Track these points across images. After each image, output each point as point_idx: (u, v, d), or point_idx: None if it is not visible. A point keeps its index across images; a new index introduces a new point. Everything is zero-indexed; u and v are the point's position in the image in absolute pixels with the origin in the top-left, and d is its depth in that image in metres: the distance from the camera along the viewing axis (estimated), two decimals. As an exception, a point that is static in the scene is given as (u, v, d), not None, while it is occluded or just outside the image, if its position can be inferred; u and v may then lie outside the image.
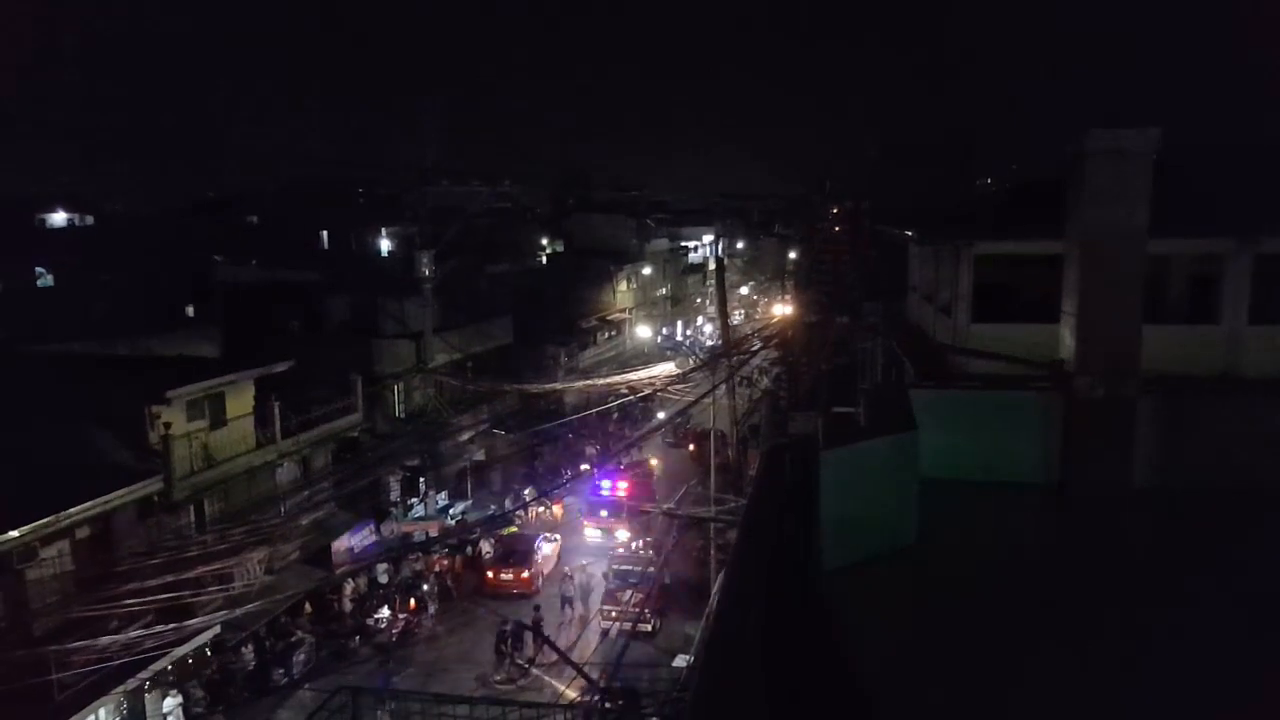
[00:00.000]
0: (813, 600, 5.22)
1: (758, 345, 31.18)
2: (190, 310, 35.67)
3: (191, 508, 22.91)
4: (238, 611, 21.29)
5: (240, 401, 24.93)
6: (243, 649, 23.17)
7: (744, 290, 78.53)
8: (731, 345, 30.59)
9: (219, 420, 24.13)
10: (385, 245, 56.38)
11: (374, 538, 29.09)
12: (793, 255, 61.77)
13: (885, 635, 5.90)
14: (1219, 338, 13.44)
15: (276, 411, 25.59)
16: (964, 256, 15.17)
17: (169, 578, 19.72)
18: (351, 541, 27.95)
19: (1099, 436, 8.16)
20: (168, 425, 21.95)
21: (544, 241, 67.28)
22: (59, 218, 51.78)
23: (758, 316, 68.06)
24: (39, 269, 41.88)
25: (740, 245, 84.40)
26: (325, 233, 53.43)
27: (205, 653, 21.85)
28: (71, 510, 18.87)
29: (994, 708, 5.36)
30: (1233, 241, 13.32)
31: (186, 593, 20.31)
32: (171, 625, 19.11)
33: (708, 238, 77.21)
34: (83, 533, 19.84)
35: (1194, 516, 8.03)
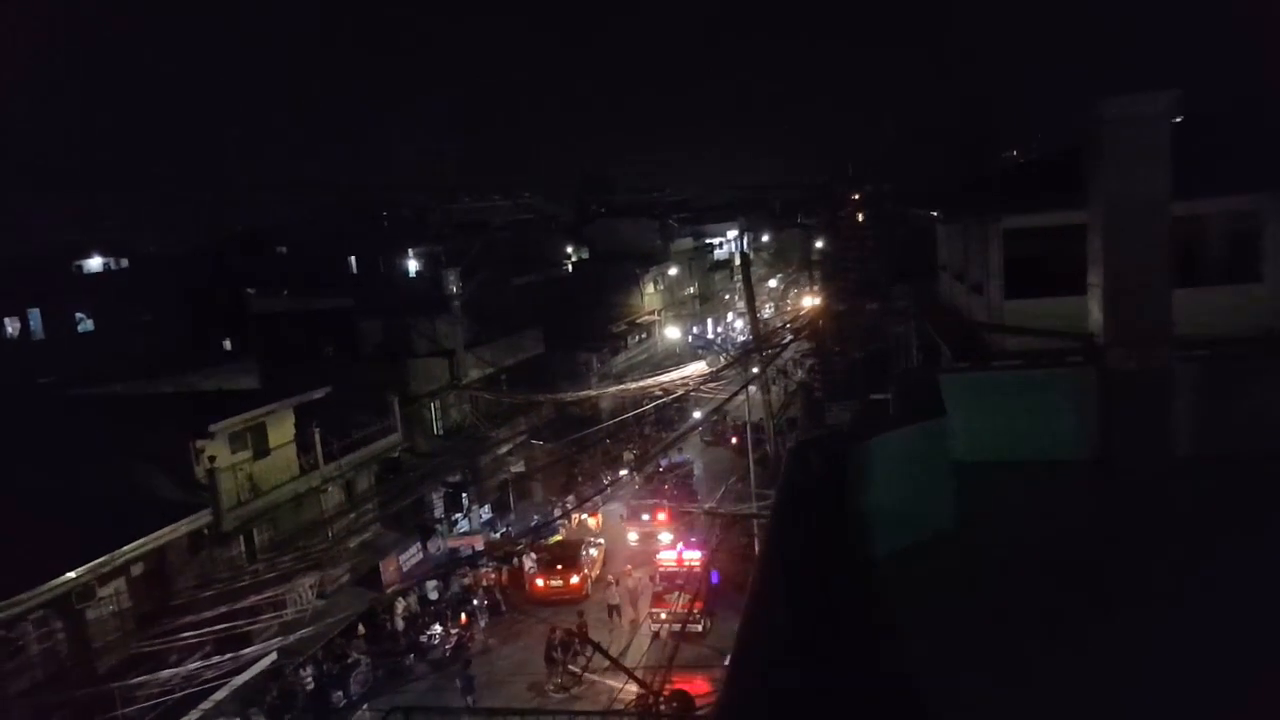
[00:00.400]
0: (852, 592, 5.14)
1: (788, 338, 30.98)
2: (227, 344, 36.29)
3: (241, 538, 23.28)
4: (292, 637, 21.63)
5: (281, 430, 25.29)
6: (301, 673, 23.47)
7: (772, 283, 78.10)
8: (762, 340, 30.44)
9: (262, 450, 24.50)
10: (413, 265, 56.98)
11: (421, 555, 29.34)
12: (819, 244, 61.33)
13: (927, 624, 5.81)
14: (1264, 295, 13.08)
15: (317, 437, 25.94)
16: (993, 232, 14.90)
17: (224, 608, 20.07)
18: (400, 560, 28.22)
19: (1135, 409, 7.99)
20: (212, 458, 22.34)
21: (569, 249, 67.56)
22: (95, 263, 53.01)
23: (787, 308, 67.68)
24: (79, 314, 42.85)
25: (765, 238, 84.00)
26: (353, 258, 54.12)
27: (265, 680, 22.18)
28: (125, 548, 19.26)
29: (1043, 688, 5.27)
30: (1268, 196, 12.97)
31: (242, 622, 20.66)
32: (229, 655, 19.42)
33: (732, 233, 77.04)
34: (138, 569, 20.25)
35: (1238, 483, 7.84)
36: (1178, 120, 8.36)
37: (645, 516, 33.58)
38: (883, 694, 4.00)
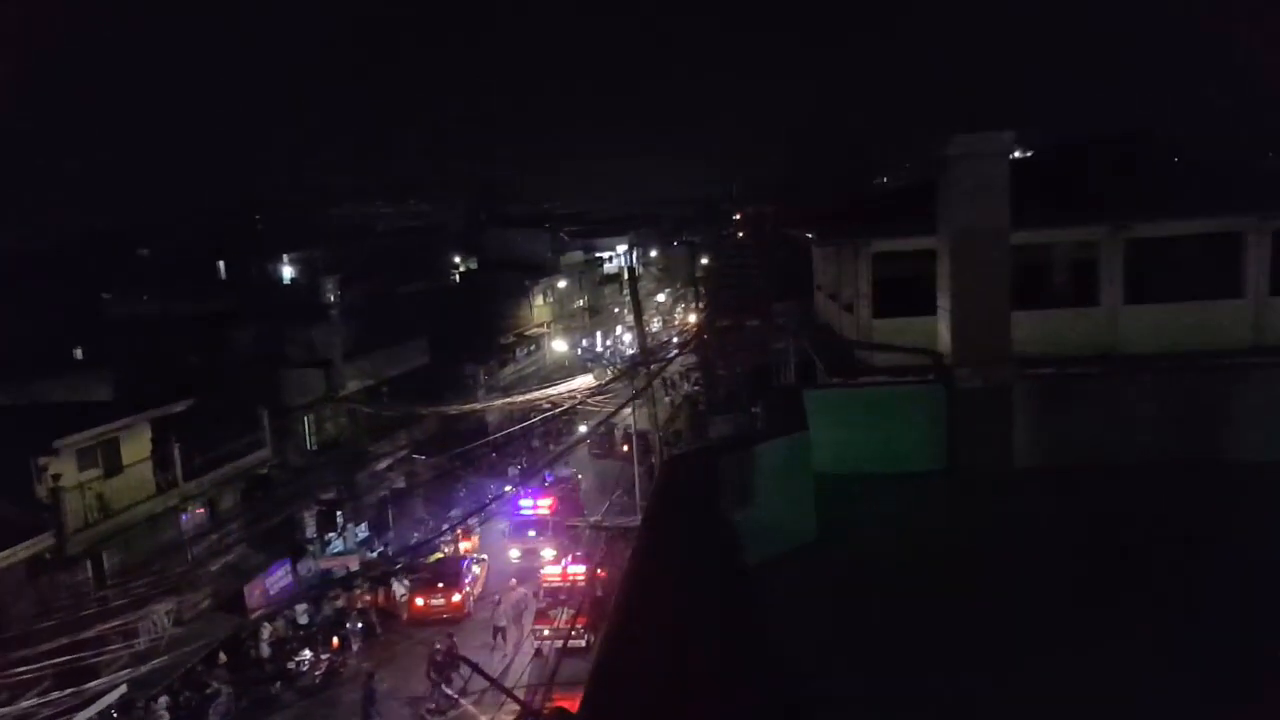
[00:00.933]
0: (714, 603, 5.21)
1: (674, 352, 31.21)
2: (78, 352, 33.91)
3: (89, 562, 21.71)
4: (145, 668, 20.26)
5: (137, 446, 23.79)
6: (153, 706, 22.01)
7: (661, 298, 78.88)
8: (649, 353, 30.55)
9: (114, 467, 22.99)
10: (289, 271, 54.83)
11: (290, 577, 28.04)
12: (704, 261, 62.30)
13: (794, 630, 5.95)
14: (1100, 318, 14.19)
15: (177, 453, 24.51)
16: (862, 255, 15.46)
17: (65, 639, 18.60)
18: (267, 583, 26.89)
19: (979, 423, 8.54)
20: (57, 477, 20.81)
21: (457, 259, 66.45)
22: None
23: (675, 323, 68.40)
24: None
25: (654, 254, 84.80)
26: (222, 262, 51.64)
27: (112, 715, 20.68)
28: (-49, 575, 17.67)
29: (908, 689, 5.48)
30: (1104, 228, 14.05)
31: (87, 653, 19.22)
32: (69, 690, 18.02)
33: (622, 248, 77.43)
34: (-34, 598, 18.61)
35: (1070, 491, 8.48)
36: (1028, 155, 8.91)
37: (532, 533, 32.77)
38: (749, 702, 4.00)
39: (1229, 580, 6.62)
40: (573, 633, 24.96)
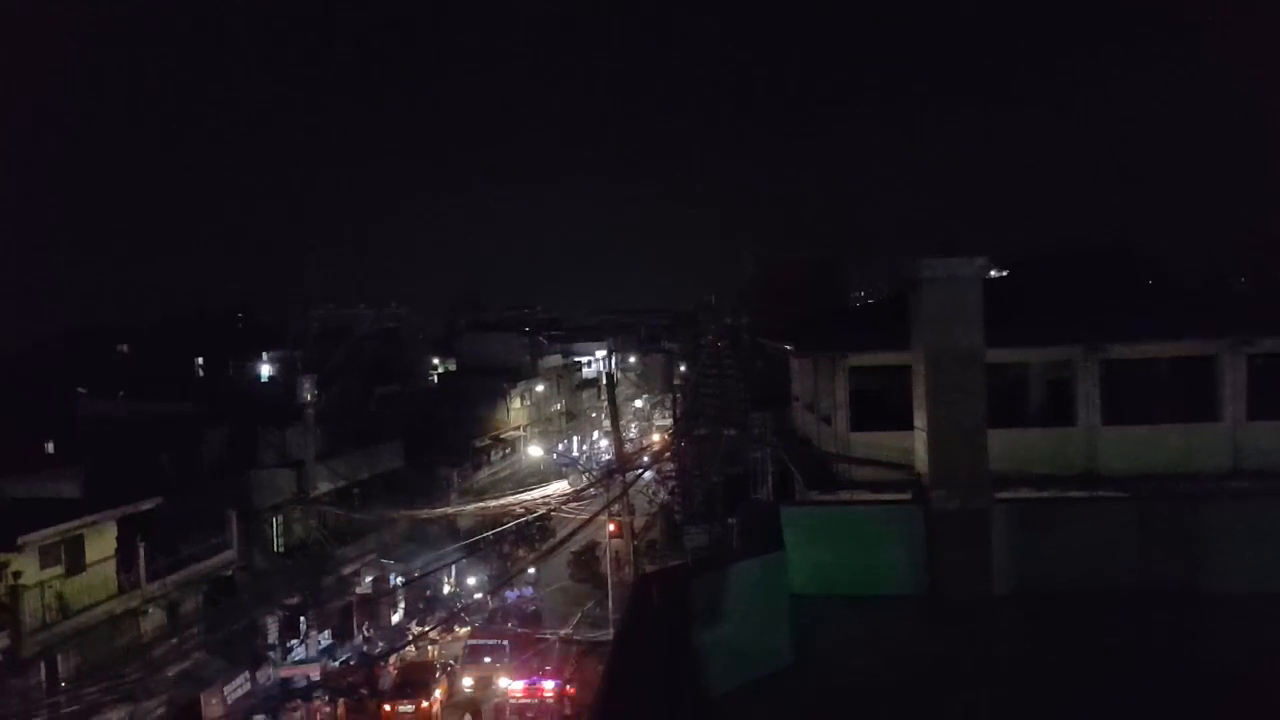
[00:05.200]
0: None
1: (649, 460, 31.25)
2: (50, 447, 33.36)
3: (43, 664, 20.89)
4: (92, 781, 19.28)
5: (101, 544, 23.29)
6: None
7: (638, 403, 79.21)
8: (625, 461, 30.57)
9: (77, 565, 22.44)
10: (266, 371, 54.69)
11: (249, 686, 27.01)
12: (682, 368, 62.96)
13: None
14: (1077, 438, 14.20)
15: (141, 553, 23.95)
16: (839, 368, 15.76)
17: (10, 748, 17.76)
18: (225, 692, 25.87)
19: (957, 546, 8.40)
20: (17, 575, 20.24)
21: (435, 361, 66.65)
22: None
23: (653, 428, 68.48)
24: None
25: (632, 359, 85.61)
26: (200, 360, 51.47)
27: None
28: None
29: None
30: (1080, 349, 14.26)
31: (32, 764, 18.32)
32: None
33: (600, 353, 78.13)
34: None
35: (1052, 619, 8.30)
36: (1003, 274, 9.22)
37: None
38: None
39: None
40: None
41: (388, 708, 27.70)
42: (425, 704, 27.63)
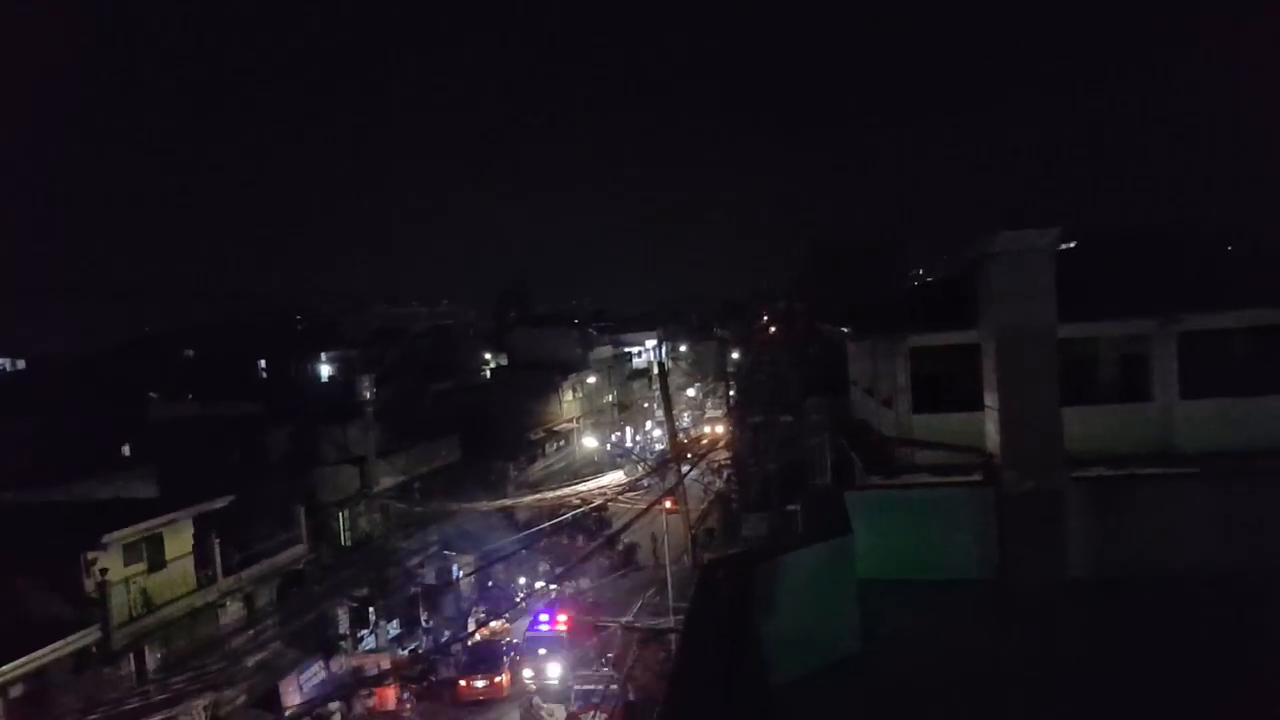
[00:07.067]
0: (761, 718, 5.12)
1: (705, 449, 31.29)
2: (126, 450, 34.63)
3: (131, 656, 21.78)
4: (181, 767, 20.06)
5: (179, 542, 24.11)
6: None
7: (690, 392, 79.08)
8: (679, 450, 30.66)
9: (158, 562, 23.27)
10: (326, 371, 55.91)
11: (324, 674, 27.82)
12: (735, 355, 62.76)
13: None
14: (1153, 414, 13.73)
15: (217, 549, 24.77)
16: (899, 350, 15.61)
17: (106, 736, 18.59)
18: (300, 680, 26.68)
19: (1030, 529, 8.14)
20: (104, 571, 21.09)
21: (487, 356, 67.39)
22: (-13, 363, 50.48)
23: (706, 417, 68.39)
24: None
25: (683, 348, 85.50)
26: (263, 362, 52.83)
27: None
28: (4, 668, 17.87)
29: None
30: (1155, 321, 13.78)
31: (126, 751, 19.13)
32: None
33: (651, 343, 78.20)
34: (16, 691, 18.70)
35: (1127, 605, 8.03)
36: (1071, 247, 8.90)
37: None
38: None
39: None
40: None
41: (463, 683, 29.27)
42: (497, 679, 29.22)
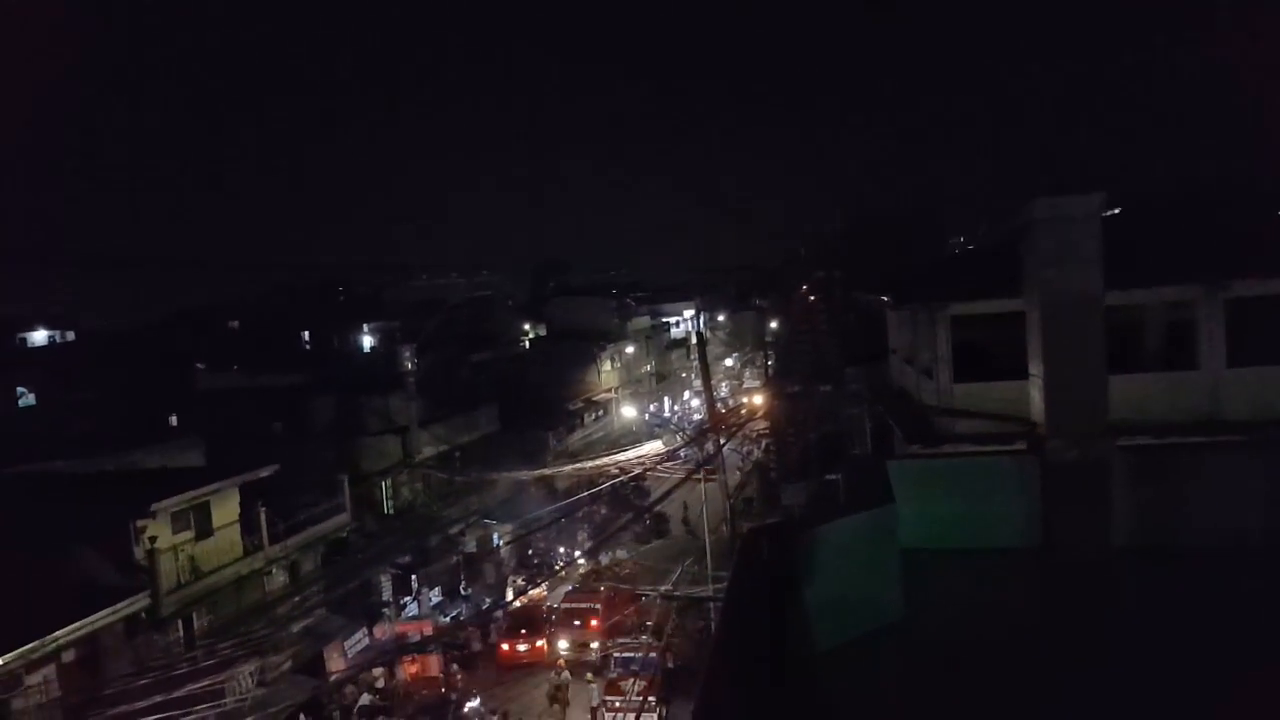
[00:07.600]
0: (804, 686, 5.10)
1: (744, 419, 31.17)
2: (174, 420, 35.42)
3: (180, 622, 22.37)
4: (230, 729, 20.60)
5: (226, 510, 24.61)
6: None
7: (728, 362, 78.84)
8: (717, 420, 30.58)
9: (205, 530, 23.78)
10: (367, 342, 56.60)
11: (368, 640, 28.38)
12: (773, 325, 62.26)
13: (880, 717, 5.76)
14: (1200, 383, 13.41)
15: (263, 517, 25.26)
16: (940, 318, 15.31)
17: (159, 697, 19.10)
18: (345, 646, 27.25)
19: (1075, 498, 8.11)
20: (153, 539, 21.61)
21: (525, 327, 67.71)
22: (40, 336, 51.79)
23: (744, 387, 68.18)
24: (20, 389, 41.61)
25: (721, 318, 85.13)
26: (306, 334, 53.64)
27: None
28: (57, 634, 18.40)
29: None
30: (1202, 287, 13.40)
31: (177, 712, 19.67)
32: (162, 748, 18.44)
33: (688, 312, 77.94)
34: (69, 656, 19.31)
35: (1171, 574, 7.91)
36: (1115, 212, 8.67)
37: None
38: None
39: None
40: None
41: (505, 647, 29.97)
42: (539, 643, 29.83)
